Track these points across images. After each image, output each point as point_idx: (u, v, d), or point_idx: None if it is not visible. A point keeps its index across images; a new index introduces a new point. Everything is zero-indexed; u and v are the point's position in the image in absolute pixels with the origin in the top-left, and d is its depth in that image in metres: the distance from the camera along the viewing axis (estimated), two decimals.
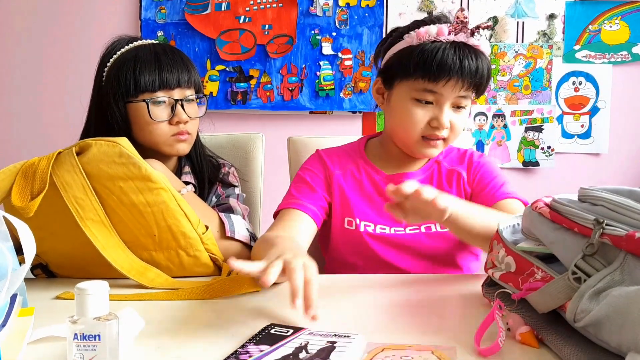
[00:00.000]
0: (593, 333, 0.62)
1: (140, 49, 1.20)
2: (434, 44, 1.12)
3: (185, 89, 1.20)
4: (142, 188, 0.99)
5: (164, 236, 1.02)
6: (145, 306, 0.88)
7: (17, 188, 0.95)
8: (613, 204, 0.65)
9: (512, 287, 0.77)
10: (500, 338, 0.67)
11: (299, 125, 2.55)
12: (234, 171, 1.36)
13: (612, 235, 0.62)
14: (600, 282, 0.62)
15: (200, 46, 2.52)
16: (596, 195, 0.68)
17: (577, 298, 0.63)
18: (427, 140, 1.17)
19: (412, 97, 1.15)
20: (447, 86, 1.12)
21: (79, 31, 2.55)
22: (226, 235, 1.14)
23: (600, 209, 0.66)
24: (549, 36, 2.54)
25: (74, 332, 0.56)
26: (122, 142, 0.99)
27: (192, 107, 1.22)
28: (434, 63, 1.10)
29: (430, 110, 1.15)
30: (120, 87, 1.16)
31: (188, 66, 1.21)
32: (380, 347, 0.68)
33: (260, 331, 0.72)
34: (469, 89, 1.14)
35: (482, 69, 1.12)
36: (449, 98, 1.13)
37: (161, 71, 1.16)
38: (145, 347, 0.72)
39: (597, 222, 0.64)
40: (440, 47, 1.11)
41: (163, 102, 1.17)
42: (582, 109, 2.58)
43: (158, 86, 1.16)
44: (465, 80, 1.11)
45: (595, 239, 0.63)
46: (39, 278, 1.11)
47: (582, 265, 0.64)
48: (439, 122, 1.14)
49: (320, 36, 2.52)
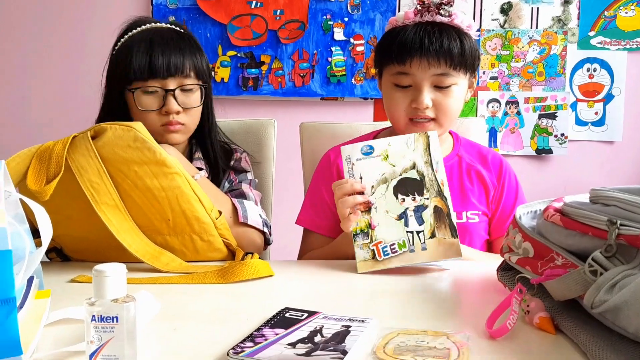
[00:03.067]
0: (610, 319, 0.61)
1: (139, 34, 1.17)
2: (398, 28, 1.16)
3: (182, 78, 1.16)
4: (157, 172, 0.99)
5: (178, 221, 1.03)
6: (160, 290, 0.89)
7: (33, 172, 0.96)
8: (626, 203, 0.64)
9: (530, 272, 0.76)
10: (509, 321, 0.67)
11: (310, 112, 2.54)
12: (246, 156, 1.35)
13: (627, 235, 0.62)
14: (618, 276, 0.61)
15: (212, 32, 2.51)
16: (608, 195, 0.67)
17: (594, 290, 0.63)
18: (414, 122, 1.18)
19: (391, 82, 1.19)
20: (416, 66, 1.14)
21: (91, 16, 2.55)
22: (239, 221, 1.15)
23: (613, 209, 0.66)
24: (564, 22, 2.51)
25: (92, 313, 0.57)
26: (137, 126, 0.99)
27: (188, 96, 1.18)
28: (395, 45, 1.15)
29: (410, 92, 1.17)
30: (117, 74, 1.16)
31: (187, 54, 1.17)
32: (395, 331, 0.68)
33: (275, 315, 0.73)
34: (447, 67, 1.14)
35: (452, 46, 1.13)
36: (424, 78, 1.14)
37: (152, 60, 1.13)
38: (162, 329, 0.72)
39: (611, 222, 0.63)
40: (403, 29, 1.15)
41: (154, 91, 1.15)
42: (597, 96, 2.55)
43: (148, 75, 1.13)
44: (435, 58, 1.12)
45: (612, 240, 0.63)
46: (53, 261, 1.12)
47: (599, 258, 0.64)
48: (417, 102, 1.15)
49: (332, 21, 2.50)
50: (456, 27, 1.16)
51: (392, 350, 0.62)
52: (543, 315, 0.71)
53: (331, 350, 0.62)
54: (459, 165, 1.26)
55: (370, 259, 0.97)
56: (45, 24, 2.57)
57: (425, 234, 0.96)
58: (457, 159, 1.26)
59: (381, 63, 1.22)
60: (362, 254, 0.98)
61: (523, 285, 0.73)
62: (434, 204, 0.96)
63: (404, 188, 0.99)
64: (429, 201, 0.97)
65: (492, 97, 2.55)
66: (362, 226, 0.99)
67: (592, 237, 0.67)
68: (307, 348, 0.62)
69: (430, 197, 0.97)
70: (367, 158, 1.01)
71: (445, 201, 0.97)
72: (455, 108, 1.19)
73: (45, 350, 0.65)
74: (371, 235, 0.98)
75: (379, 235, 0.98)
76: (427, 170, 0.99)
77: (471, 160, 1.27)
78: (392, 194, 0.99)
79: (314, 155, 1.46)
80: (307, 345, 0.63)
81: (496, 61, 2.53)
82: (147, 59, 1.13)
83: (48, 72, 2.59)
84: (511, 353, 0.65)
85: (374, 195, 0.99)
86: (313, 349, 0.62)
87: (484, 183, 1.24)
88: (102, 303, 0.57)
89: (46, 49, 2.58)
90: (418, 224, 0.96)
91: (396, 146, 1.01)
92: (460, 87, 1.18)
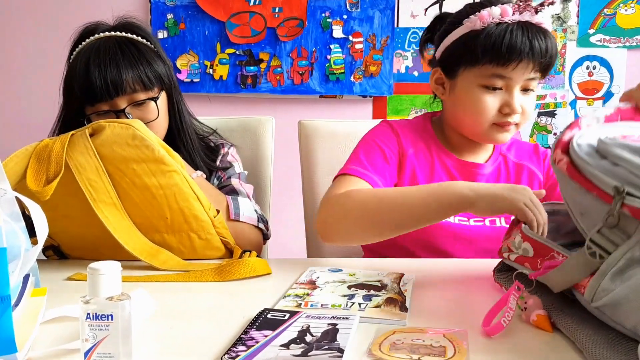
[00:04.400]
0: (608, 314, 0.61)
1: (82, 53, 1.12)
2: (499, 27, 1.06)
3: (130, 94, 1.11)
4: (155, 170, 0.99)
5: (176, 219, 1.03)
6: (157, 288, 0.89)
7: (32, 171, 0.95)
8: (636, 166, 0.60)
9: (528, 269, 0.75)
10: (504, 318, 0.67)
11: (309, 109, 2.54)
12: (233, 151, 1.34)
13: (632, 207, 0.58)
14: (621, 260, 0.59)
15: (210, 29, 2.51)
16: (616, 154, 0.62)
17: (599, 276, 0.62)
18: (498, 127, 1.12)
19: (479, 84, 1.10)
20: (518, 69, 1.07)
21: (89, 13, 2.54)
22: (230, 218, 1.14)
23: (621, 171, 0.61)
24: (563, 20, 2.51)
25: (87, 311, 0.57)
26: (136, 124, 0.99)
27: (145, 109, 1.14)
28: (503, 46, 1.05)
29: (499, 96, 1.10)
30: (69, 94, 1.13)
31: (125, 67, 1.10)
32: (390, 330, 0.68)
33: (256, 317, 0.72)
34: (538, 71, 1.09)
35: (551, 48, 1.08)
36: (518, 82, 1.09)
37: (91, 83, 1.08)
38: (158, 327, 0.72)
39: (618, 190, 0.59)
40: (507, 29, 1.06)
41: (108, 112, 1.11)
42: (596, 94, 2.55)
43: (92, 99, 1.09)
44: (536, 62, 1.07)
45: (615, 211, 0.59)
46: (50, 259, 1.12)
47: (598, 239, 0.62)
48: (511, 108, 1.09)
49: (330, 19, 2.49)
50: (547, 29, 1.10)
51: (388, 348, 0.62)
52: (540, 313, 0.71)
53: (326, 349, 0.62)
54: (505, 164, 1.22)
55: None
56: (43, 24, 2.56)
57: (369, 305, 0.79)
58: (501, 158, 1.22)
59: (464, 63, 1.11)
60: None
61: (521, 282, 0.72)
62: (390, 296, 0.82)
63: (359, 285, 0.87)
64: (384, 294, 0.83)
65: None
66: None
67: (595, 198, 0.63)
68: (301, 348, 0.62)
69: (387, 293, 0.83)
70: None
71: (404, 298, 0.81)
72: (532, 110, 1.15)
73: (40, 348, 0.65)
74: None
75: (314, 297, 0.82)
76: (391, 285, 0.87)
77: (518, 157, 1.23)
78: (344, 287, 0.86)
79: (312, 153, 1.46)
80: (300, 345, 0.63)
81: None
82: (86, 84, 1.08)
83: (46, 73, 2.58)
84: (507, 351, 0.64)
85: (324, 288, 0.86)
86: (308, 348, 0.62)
87: (536, 179, 1.20)
88: (97, 301, 0.57)
89: (44, 49, 2.57)
90: (364, 300, 0.80)
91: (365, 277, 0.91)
92: (536, 88, 1.14)
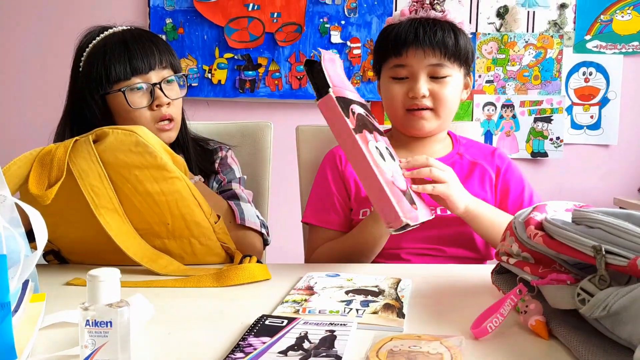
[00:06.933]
0: (605, 325, 0.62)
1: (108, 38, 1.18)
2: (394, 25, 1.23)
3: (161, 70, 1.19)
4: (157, 177, 0.99)
5: (177, 225, 1.03)
6: (155, 293, 0.89)
7: (34, 175, 0.96)
8: (610, 226, 0.62)
9: (528, 273, 0.75)
10: (490, 324, 0.68)
11: (307, 114, 2.54)
12: (231, 154, 1.35)
13: (616, 266, 0.60)
14: (610, 298, 0.60)
15: (209, 34, 2.52)
16: (592, 217, 0.65)
17: (587, 309, 0.62)
18: (412, 112, 1.21)
19: (389, 76, 1.23)
20: (412, 56, 1.19)
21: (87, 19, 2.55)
22: (237, 223, 1.15)
23: (597, 232, 0.63)
24: (560, 26, 2.52)
25: (86, 318, 0.57)
26: (139, 130, 0.99)
27: (173, 88, 1.21)
28: (391, 38, 1.21)
29: (406, 83, 1.21)
30: (94, 80, 1.16)
31: (160, 48, 1.19)
32: (388, 336, 0.69)
33: (254, 323, 0.72)
34: (442, 58, 1.19)
35: (446, 37, 1.18)
36: (420, 67, 1.19)
37: (131, 58, 1.15)
38: (156, 333, 0.72)
39: (596, 250, 0.61)
40: (400, 24, 1.21)
41: (141, 87, 1.16)
42: (592, 99, 2.56)
43: (131, 73, 1.15)
44: (430, 48, 1.18)
45: (603, 270, 0.60)
46: (50, 264, 1.12)
47: (590, 288, 0.62)
48: (414, 91, 1.19)
49: (329, 24, 2.50)
50: (449, 22, 1.22)
51: (385, 355, 0.63)
52: (540, 319, 0.71)
53: (324, 356, 0.62)
54: (460, 163, 1.27)
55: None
56: (43, 26, 2.57)
57: (366, 311, 0.79)
58: (457, 157, 1.28)
59: (379, 61, 1.27)
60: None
61: (524, 285, 0.73)
62: (387, 302, 0.82)
63: (357, 290, 0.88)
64: (381, 300, 0.83)
65: (487, 101, 2.56)
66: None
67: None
68: (299, 355, 0.62)
69: (384, 299, 0.84)
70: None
71: (402, 304, 0.82)
72: (452, 99, 1.22)
73: (39, 354, 0.65)
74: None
75: (312, 303, 0.82)
76: (389, 290, 0.87)
77: (473, 157, 1.28)
78: (342, 292, 0.87)
79: (310, 158, 1.46)
80: (298, 352, 0.63)
81: (492, 65, 2.54)
82: (125, 57, 1.15)
83: (45, 74, 2.58)
84: (504, 358, 0.65)
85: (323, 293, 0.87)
86: (305, 355, 0.62)
87: (489, 180, 1.25)
88: (96, 308, 0.57)
89: (43, 51, 2.58)
90: (361, 306, 0.81)
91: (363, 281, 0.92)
92: (455, 80, 1.22)
